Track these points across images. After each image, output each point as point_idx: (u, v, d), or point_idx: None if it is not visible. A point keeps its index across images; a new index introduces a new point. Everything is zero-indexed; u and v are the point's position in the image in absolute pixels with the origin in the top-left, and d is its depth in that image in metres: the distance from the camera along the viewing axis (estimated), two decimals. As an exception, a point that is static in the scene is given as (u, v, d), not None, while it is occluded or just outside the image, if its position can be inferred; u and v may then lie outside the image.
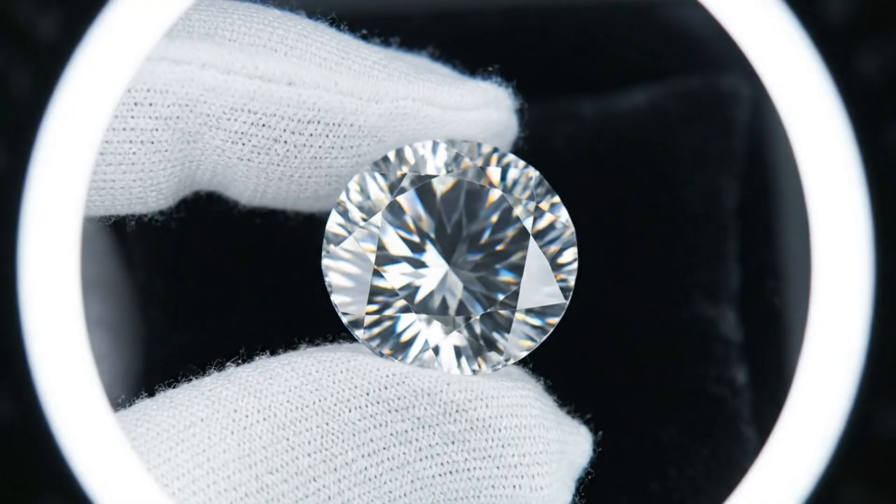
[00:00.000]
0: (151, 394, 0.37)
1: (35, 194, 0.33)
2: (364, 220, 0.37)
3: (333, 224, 0.37)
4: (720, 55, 0.55)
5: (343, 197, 0.37)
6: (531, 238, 0.37)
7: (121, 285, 0.53)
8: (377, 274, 0.37)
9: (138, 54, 0.34)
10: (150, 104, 0.36)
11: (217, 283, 0.52)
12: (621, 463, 0.50)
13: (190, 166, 0.38)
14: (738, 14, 0.35)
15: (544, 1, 0.56)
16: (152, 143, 0.37)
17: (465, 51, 0.43)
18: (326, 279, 0.37)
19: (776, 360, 0.53)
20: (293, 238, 0.49)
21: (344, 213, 0.37)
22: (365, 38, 0.40)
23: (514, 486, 0.37)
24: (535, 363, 0.40)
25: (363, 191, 0.37)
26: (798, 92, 0.35)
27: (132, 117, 0.36)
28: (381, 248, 0.37)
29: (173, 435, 0.35)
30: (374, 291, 0.37)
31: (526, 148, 0.42)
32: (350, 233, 0.37)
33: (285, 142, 0.37)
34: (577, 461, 0.39)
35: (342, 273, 0.37)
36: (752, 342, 0.53)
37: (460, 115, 0.39)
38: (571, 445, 0.39)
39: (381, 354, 0.37)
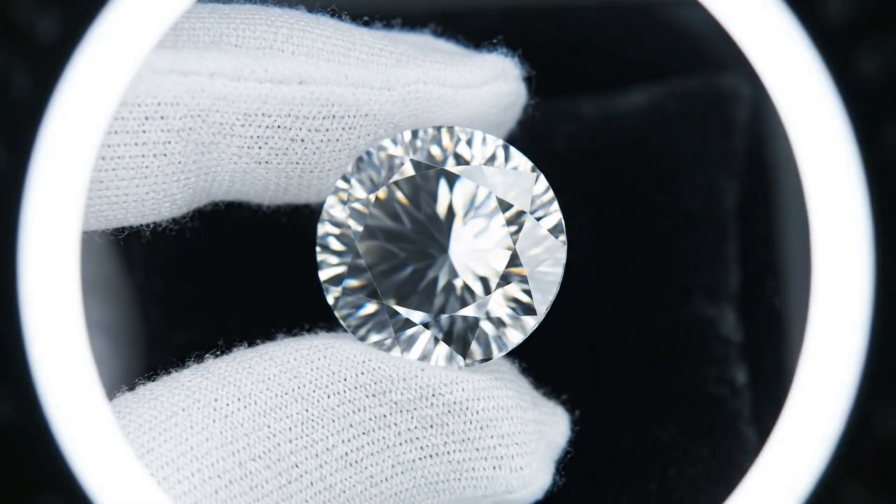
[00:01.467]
0: (132, 388, 0.37)
1: (35, 194, 0.33)
2: (362, 202, 0.37)
3: (330, 205, 0.38)
4: (720, 55, 0.55)
5: (345, 176, 0.38)
6: (524, 236, 0.37)
7: (120, 286, 0.53)
8: (367, 257, 0.37)
9: (139, 54, 0.34)
10: (162, 117, 0.36)
11: (217, 283, 0.52)
12: (621, 463, 0.50)
13: (205, 177, 0.38)
14: (738, 14, 0.35)
15: (544, 1, 0.56)
16: (165, 155, 0.37)
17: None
18: (318, 258, 0.38)
19: (776, 360, 0.53)
20: (293, 237, 0.49)
21: (342, 195, 0.38)
22: (367, 24, 0.40)
23: (494, 468, 0.38)
24: (535, 363, 0.41)
25: (363, 173, 0.38)
26: (798, 92, 0.35)
27: (144, 131, 0.36)
28: (372, 232, 0.37)
29: (155, 426, 0.35)
30: (360, 273, 0.37)
31: (526, 148, 0.42)
32: (347, 215, 0.37)
33: (303, 140, 0.37)
34: (555, 441, 0.39)
35: (333, 254, 0.38)
36: (752, 342, 0.53)
37: (472, 92, 0.39)
38: (549, 426, 0.39)
39: (361, 338, 0.38)
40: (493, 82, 0.39)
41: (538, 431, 0.38)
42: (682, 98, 0.54)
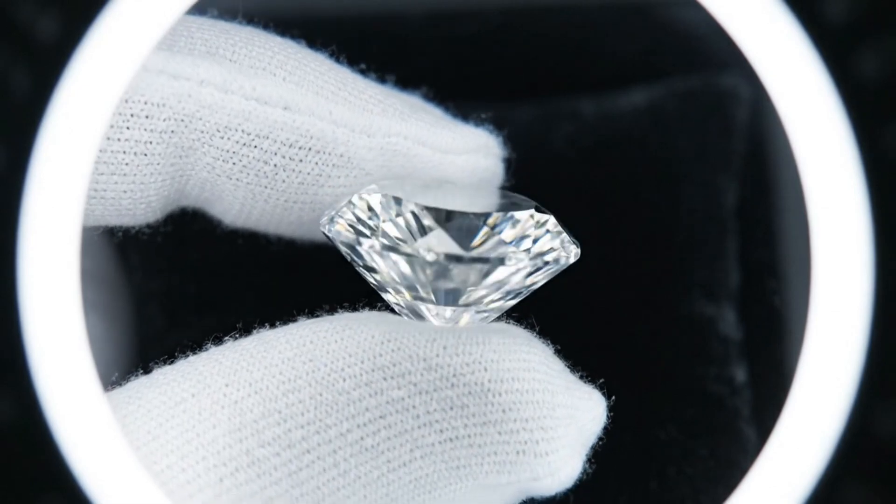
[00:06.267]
0: (147, 371, 0.37)
1: (35, 195, 0.33)
2: (368, 219, 0.37)
3: (347, 225, 0.37)
4: (720, 55, 0.55)
5: (348, 201, 0.38)
6: (530, 246, 0.37)
7: (118, 284, 0.53)
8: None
9: (138, 55, 0.34)
10: (147, 117, 0.37)
11: (215, 282, 0.52)
12: (621, 462, 0.50)
13: (180, 181, 0.39)
14: (738, 14, 0.35)
15: (544, 1, 0.56)
16: (146, 155, 0.37)
17: (465, 51, 0.43)
18: (369, 272, 0.37)
19: (776, 359, 0.53)
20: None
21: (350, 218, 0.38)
22: (363, 72, 0.40)
23: (518, 453, 0.36)
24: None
25: (364, 201, 0.38)
26: (798, 92, 0.35)
27: (128, 128, 0.37)
28: (384, 234, 0.37)
29: (162, 412, 0.35)
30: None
31: (526, 148, 0.42)
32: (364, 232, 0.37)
33: (275, 164, 0.38)
34: (588, 427, 0.38)
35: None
36: (752, 341, 0.53)
37: (449, 158, 0.39)
38: (582, 411, 0.38)
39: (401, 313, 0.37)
40: (472, 154, 0.40)
41: (568, 416, 0.37)
42: (681, 98, 0.54)
